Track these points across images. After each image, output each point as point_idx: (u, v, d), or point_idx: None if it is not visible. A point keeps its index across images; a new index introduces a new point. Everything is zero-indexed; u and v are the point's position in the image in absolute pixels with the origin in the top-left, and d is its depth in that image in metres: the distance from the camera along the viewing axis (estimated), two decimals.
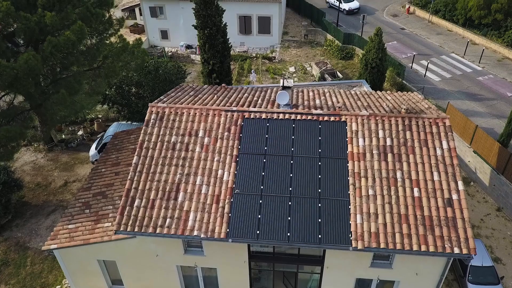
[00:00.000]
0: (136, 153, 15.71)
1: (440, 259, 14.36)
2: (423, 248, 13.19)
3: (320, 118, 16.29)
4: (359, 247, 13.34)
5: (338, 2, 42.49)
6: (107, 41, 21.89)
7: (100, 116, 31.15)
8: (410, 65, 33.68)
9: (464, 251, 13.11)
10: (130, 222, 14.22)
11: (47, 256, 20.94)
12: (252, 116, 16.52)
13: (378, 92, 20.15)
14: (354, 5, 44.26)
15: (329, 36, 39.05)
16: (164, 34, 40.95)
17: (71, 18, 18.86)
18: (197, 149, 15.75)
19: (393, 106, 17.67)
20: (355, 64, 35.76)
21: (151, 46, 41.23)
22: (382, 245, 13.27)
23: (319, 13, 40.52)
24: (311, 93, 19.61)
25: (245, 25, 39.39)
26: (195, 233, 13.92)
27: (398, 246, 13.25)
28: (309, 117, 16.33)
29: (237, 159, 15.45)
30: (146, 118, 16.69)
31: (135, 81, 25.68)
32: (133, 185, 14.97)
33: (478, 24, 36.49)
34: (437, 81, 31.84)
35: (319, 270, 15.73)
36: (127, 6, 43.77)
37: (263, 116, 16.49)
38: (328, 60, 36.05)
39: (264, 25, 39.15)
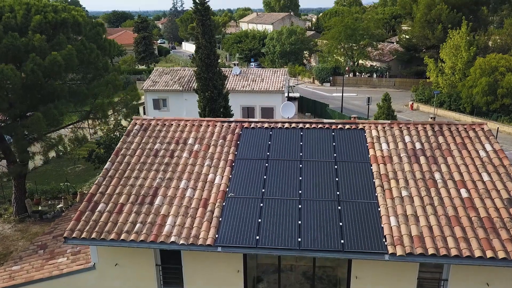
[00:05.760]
0: (109, 160, 12.79)
1: None
2: (488, 254, 9.37)
3: (333, 127, 13.72)
4: (399, 253, 9.54)
5: None
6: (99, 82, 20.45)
7: (85, 191, 28.19)
8: None
9: None
10: (87, 227, 10.62)
11: None
12: (252, 126, 14.00)
13: None
14: None
15: None
16: None
17: (63, 46, 17.74)
18: (185, 155, 12.86)
19: None
20: None
21: None
22: (431, 251, 9.48)
23: (322, 105, 40.39)
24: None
25: (248, 116, 38.89)
26: (172, 239, 10.23)
27: (454, 252, 9.44)
28: (320, 126, 13.79)
29: (233, 163, 12.46)
30: (128, 128, 14.18)
31: None
32: (100, 190, 11.72)
33: (486, 110, 35.69)
34: None
35: None
36: None
37: (265, 125, 13.97)
38: None
39: (267, 116, 38.61)
